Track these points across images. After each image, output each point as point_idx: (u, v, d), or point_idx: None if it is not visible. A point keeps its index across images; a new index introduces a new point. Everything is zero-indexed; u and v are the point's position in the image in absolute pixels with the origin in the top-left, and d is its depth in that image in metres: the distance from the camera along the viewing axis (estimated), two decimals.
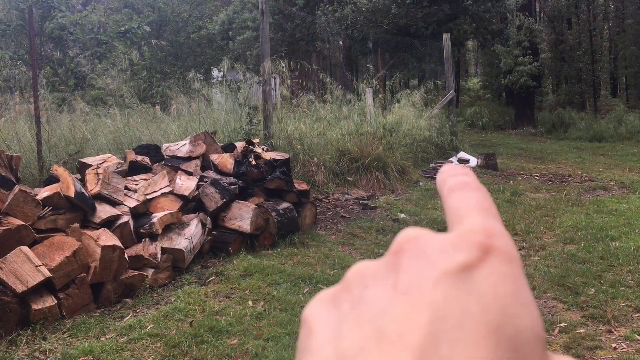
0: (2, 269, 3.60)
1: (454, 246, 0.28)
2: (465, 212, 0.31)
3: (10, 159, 4.59)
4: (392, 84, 12.02)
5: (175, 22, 20.11)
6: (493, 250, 0.28)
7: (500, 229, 0.29)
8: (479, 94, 30.42)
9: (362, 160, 8.29)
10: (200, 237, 5.05)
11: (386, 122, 9.35)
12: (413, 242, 0.30)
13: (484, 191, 0.33)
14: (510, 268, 0.27)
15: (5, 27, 11.28)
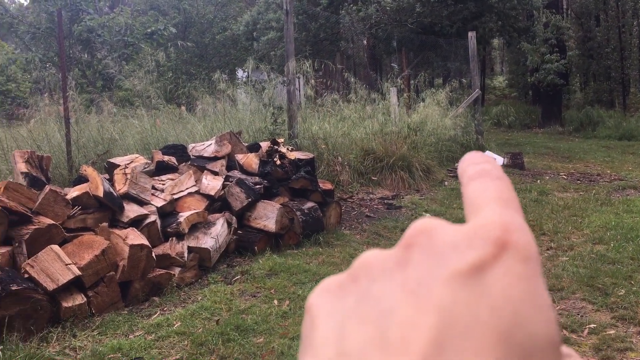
0: (33, 267, 3.68)
1: (468, 242, 0.27)
2: (484, 202, 0.29)
3: (40, 160, 4.68)
4: (416, 83, 11.95)
5: (201, 24, 20.29)
6: (509, 247, 0.26)
7: (519, 223, 0.28)
8: (505, 93, 30.06)
9: (387, 160, 8.26)
10: (226, 237, 5.09)
11: (411, 122, 9.31)
12: (425, 235, 0.28)
13: (506, 180, 0.31)
14: (527, 267, 0.26)
15: (35, 30, 11.51)
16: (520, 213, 0.29)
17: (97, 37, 11.35)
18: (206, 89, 9.49)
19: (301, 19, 17.38)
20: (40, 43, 12.23)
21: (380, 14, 15.88)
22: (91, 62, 11.72)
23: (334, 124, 9.05)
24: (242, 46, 21.30)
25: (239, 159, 5.99)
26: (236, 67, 19.92)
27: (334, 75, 13.53)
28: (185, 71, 17.97)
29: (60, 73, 6.72)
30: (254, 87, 9.50)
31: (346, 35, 16.89)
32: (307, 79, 9.15)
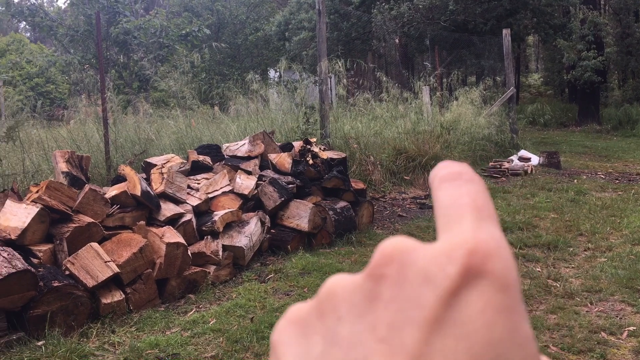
0: (74, 264, 3.78)
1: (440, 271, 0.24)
2: (456, 213, 0.27)
3: (80, 160, 4.81)
4: (449, 82, 11.85)
5: (233, 24, 20.51)
6: (486, 275, 0.24)
7: (496, 241, 0.25)
8: (540, 91, 29.55)
9: (419, 159, 8.22)
10: (260, 235, 5.14)
11: (444, 120, 9.24)
12: (395, 265, 0.26)
13: (479, 183, 0.28)
14: (506, 298, 0.24)
15: (73, 33, 11.80)
16: (496, 222, 0.27)
17: (133, 39, 11.58)
18: (239, 89, 9.59)
19: (333, 19, 17.40)
20: (78, 45, 12.53)
21: (412, 12, 15.79)
22: (127, 63, 11.96)
23: (366, 124, 9.05)
24: (274, 46, 21.46)
25: (272, 159, 6.04)
26: (268, 67, 20.06)
27: (366, 75, 13.51)
28: (219, 72, 18.19)
29: (98, 75, 6.88)
30: (286, 87, 9.56)
31: (378, 34, 16.85)
32: (339, 78, 9.16)
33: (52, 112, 9.80)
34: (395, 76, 16.20)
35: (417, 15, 16.00)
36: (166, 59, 12.23)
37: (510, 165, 9.51)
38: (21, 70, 17.51)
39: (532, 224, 6.11)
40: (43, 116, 7.90)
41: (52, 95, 17.57)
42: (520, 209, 6.81)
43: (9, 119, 6.65)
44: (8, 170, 5.51)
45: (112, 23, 11.51)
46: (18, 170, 5.54)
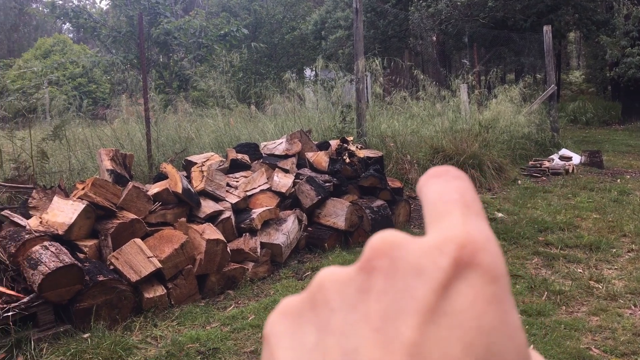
0: (118, 259, 3.89)
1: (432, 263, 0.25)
2: (445, 209, 0.27)
3: (124, 157, 4.94)
4: (488, 79, 11.69)
5: (270, 24, 20.66)
6: (476, 266, 0.24)
7: (484, 235, 0.26)
8: (582, 88, 28.83)
9: (457, 158, 8.14)
10: (297, 233, 5.19)
11: (482, 119, 9.12)
12: (386, 257, 0.26)
13: (466, 180, 0.29)
14: (496, 289, 0.24)
15: (116, 34, 12.09)
16: (484, 218, 0.27)
17: (173, 40, 11.80)
18: (276, 88, 9.67)
19: (369, 17, 17.36)
20: (120, 46, 12.83)
21: (450, 9, 15.62)
22: (167, 63, 12.19)
23: (402, 122, 9.01)
24: (310, 45, 21.54)
25: (309, 157, 6.08)
26: (304, 66, 20.15)
27: (402, 73, 13.44)
28: (255, 71, 18.36)
29: (140, 75, 7.04)
30: (323, 86, 9.60)
31: (415, 31, 16.74)
32: (375, 77, 9.15)
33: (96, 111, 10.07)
34: (432, 74, 16.06)
35: (455, 12, 15.83)
36: (205, 58, 12.42)
37: (550, 165, 9.33)
38: (65, 71, 18.00)
39: (573, 225, 5.99)
40: (88, 115, 8.12)
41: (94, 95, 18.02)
42: (561, 209, 6.69)
43: (55, 118, 6.86)
44: (55, 168, 5.70)
45: (153, 24, 11.75)
46: (64, 167, 5.73)
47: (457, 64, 20.77)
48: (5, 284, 3.64)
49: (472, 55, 12.56)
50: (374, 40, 17.38)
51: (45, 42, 29.21)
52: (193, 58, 11.99)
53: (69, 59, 15.09)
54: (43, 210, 4.22)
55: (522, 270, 4.74)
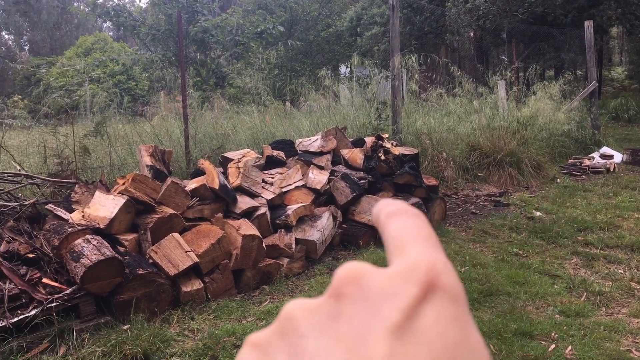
0: (157, 253, 3.98)
1: (398, 288, 0.27)
2: (407, 242, 0.29)
3: (163, 153, 5.03)
4: (527, 76, 11.47)
5: (306, 21, 20.70)
6: (438, 289, 0.26)
7: (443, 262, 0.28)
8: (625, 84, 28.02)
9: (494, 156, 8.03)
10: (331, 230, 5.21)
11: (521, 116, 8.98)
12: (355, 285, 0.28)
13: (423, 217, 0.32)
14: (457, 308, 0.26)
15: (155, 32, 12.30)
16: (441, 250, 0.29)
17: (210, 38, 11.94)
18: (311, 85, 9.70)
19: (406, 13, 17.24)
20: (158, 44, 13.04)
21: (488, 4, 15.38)
22: (205, 61, 12.35)
23: (438, 119, 8.94)
24: (346, 42, 21.50)
25: (344, 154, 6.09)
26: (339, 63, 20.13)
27: (439, 69, 13.31)
28: (291, 68, 18.44)
29: (179, 72, 7.15)
30: (358, 83, 9.58)
31: (452, 27, 16.54)
32: (411, 73, 9.09)
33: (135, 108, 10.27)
34: (469, 70, 15.85)
35: (494, 7, 15.58)
36: (241, 56, 12.53)
37: (591, 163, 9.12)
38: (105, 68, 18.41)
39: (614, 224, 5.85)
40: (128, 112, 8.30)
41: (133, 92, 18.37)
42: (602, 208, 6.53)
43: (97, 115, 7.03)
44: (96, 163, 5.85)
45: (191, 22, 11.91)
46: (105, 163, 5.87)
47: (494, 60, 20.44)
48: (49, 275, 3.76)
49: (511, 52, 12.35)
50: (410, 36, 17.25)
51: (87, 40, 29.92)
52: (230, 55, 12.12)
53: (109, 57, 15.44)
54: (85, 204, 4.34)
55: (561, 270, 4.66)
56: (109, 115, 6.76)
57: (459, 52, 20.82)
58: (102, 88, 12.35)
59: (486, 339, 3.38)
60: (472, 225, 6.05)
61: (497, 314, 3.77)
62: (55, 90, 8.86)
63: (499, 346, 3.30)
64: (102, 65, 16.14)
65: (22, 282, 3.60)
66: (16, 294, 3.49)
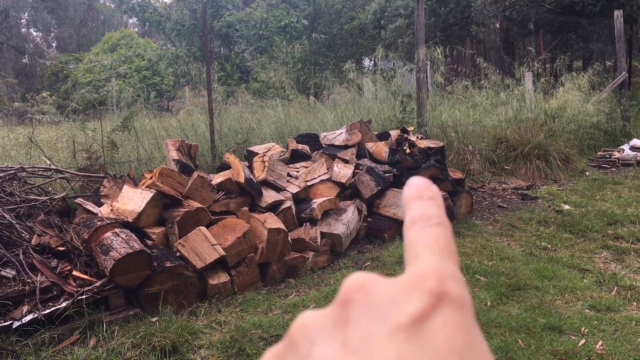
0: (184, 246, 4.02)
1: (405, 294, 0.27)
2: (421, 250, 0.30)
3: (189, 148, 5.08)
4: (555, 67, 11.27)
5: (329, 14, 20.63)
6: (445, 297, 0.27)
7: (453, 272, 0.28)
8: None
9: (521, 148, 7.92)
10: (357, 223, 5.20)
11: (548, 108, 8.83)
12: (361, 291, 0.29)
13: (445, 225, 0.32)
14: (463, 316, 0.27)
15: (180, 27, 12.40)
16: (456, 260, 0.30)
17: (235, 32, 11.98)
18: (336, 78, 9.68)
19: (430, 4, 17.07)
20: (183, 39, 13.13)
21: None
22: (229, 55, 12.40)
23: (464, 112, 8.84)
24: (369, 35, 21.38)
25: (369, 148, 6.06)
26: (363, 56, 20.04)
27: (464, 61, 13.16)
28: (314, 61, 18.42)
29: (204, 67, 7.19)
30: (382, 76, 9.52)
31: (478, 19, 16.33)
32: (436, 65, 9.00)
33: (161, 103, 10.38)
34: (495, 62, 15.64)
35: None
36: (265, 50, 12.56)
37: (621, 155, 8.94)
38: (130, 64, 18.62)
39: None
40: (154, 107, 8.38)
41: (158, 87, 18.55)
42: (632, 201, 6.40)
43: (124, 110, 7.12)
44: (124, 158, 5.93)
45: (215, 17, 11.97)
46: (133, 157, 5.95)
47: (521, 52, 20.13)
48: (79, 268, 3.82)
49: (538, 42, 12.15)
50: (434, 28, 17.08)
51: (112, 37, 30.28)
52: (254, 50, 12.15)
53: (135, 53, 15.60)
54: (114, 198, 4.40)
55: (590, 264, 4.58)
56: (136, 111, 6.84)
57: (484, 43, 20.55)
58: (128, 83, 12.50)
59: (514, 334, 3.35)
60: (499, 219, 5.99)
61: (525, 308, 3.73)
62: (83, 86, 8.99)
63: (527, 341, 3.26)
64: (128, 61, 16.33)
65: (53, 274, 3.67)
66: (47, 286, 3.56)
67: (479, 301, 3.86)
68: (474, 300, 3.85)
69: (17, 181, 4.58)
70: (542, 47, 11.85)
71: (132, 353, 3.24)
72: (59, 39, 43.85)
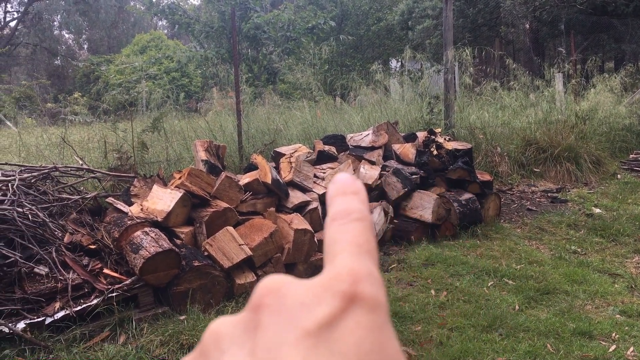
0: (212, 246, 4.06)
1: (316, 298, 0.27)
2: (339, 248, 0.29)
3: (217, 149, 5.13)
4: (586, 68, 11.08)
5: (356, 15, 20.62)
6: (357, 299, 0.26)
7: (369, 271, 0.28)
8: None
9: (551, 151, 7.80)
10: (383, 225, 5.19)
11: (579, 109, 8.68)
12: (273, 295, 0.28)
13: (365, 220, 0.31)
14: (375, 317, 0.26)
15: (208, 29, 12.52)
16: (373, 257, 0.29)
17: (262, 34, 12.06)
18: (362, 80, 9.67)
19: (458, 5, 16.93)
20: (212, 41, 13.26)
21: None
22: (256, 57, 12.49)
23: (492, 113, 8.75)
24: (397, 36, 21.30)
25: (396, 149, 6.05)
26: (390, 57, 19.97)
27: (493, 62, 13.02)
28: (341, 63, 18.42)
29: (232, 68, 7.25)
30: (410, 77, 9.48)
31: (507, 19, 16.14)
32: (465, 67, 8.93)
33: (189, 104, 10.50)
34: (524, 63, 15.43)
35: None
36: (293, 51, 12.61)
37: None
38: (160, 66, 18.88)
39: None
40: (184, 108, 8.50)
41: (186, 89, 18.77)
42: None
43: (154, 111, 7.23)
44: (154, 158, 6.02)
45: (243, 19, 12.07)
46: (162, 157, 6.04)
47: (551, 53, 19.83)
48: (109, 266, 3.90)
49: (569, 43, 11.95)
50: (463, 29, 16.94)
51: (142, 38, 30.71)
52: (281, 51, 12.21)
53: (165, 54, 15.81)
54: (143, 198, 4.47)
55: (622, 269, 4.50)
56: (166, 112, 6.94)
57: (513, 44, 20.32)
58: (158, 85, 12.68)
59: (543, 338, 3.31)
60: (528, 222, 5.91)
61: (554, 312, 3.68)
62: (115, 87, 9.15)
63: (556, 345, 3.22)
64: (157, 63, 16.55)
65: (85, 272, 3.75)
66: (79, 283, 3.64)
67: (507, 305, 3.82)
68: (501, 304, 3.82)
69: (51, 180, 4.69)
70: (573, 48, 11.65)
71: (161, 350, 3.29)
72: (90, 40, 44.69)
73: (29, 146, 6.20)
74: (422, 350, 3.23)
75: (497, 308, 3.74)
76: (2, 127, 9.89)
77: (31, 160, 5.66)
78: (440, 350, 3.22)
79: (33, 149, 6.11)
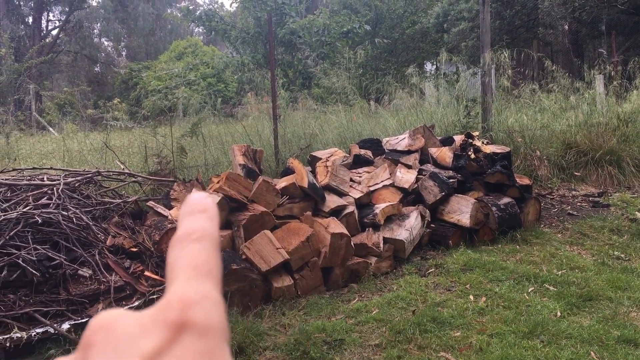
0: (249, 249, 4.10)
1: (146, 330, 0.26)
2: (176, 273, 0.28)
3: (254, 153, 5.18)
4: (628, 69, 10.79)
5: (391, 19, 20.54)
6: (186, 326, 0.25)
7: (203, 294, 0.27)
8: None
9: (592, 154, 7.62)
10: (420, 229, 5.15)
11: (621, 112, 8.46)
12: (103, 331, 0.27)
13: (206, 239, 0.30)
14: (206, 342, 0.25)
15: (244, 35, 12.67)
16: (212, 277, 0.28)
17: (298, 39, 12.14)
18: (398, 83, 9.63)
19: (495, 7, 16.72)
20: (247, 47, 13.41)
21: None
22: (292, 62, 12.57)
23: (531, 116, 8.60)
24: (432, 39, 21.14)
25: (433, 153, 6.00)
26: (425, 61, 19.83)
27: (531, 64, 12.80)
28: (375, 67, 18.38)
29: (267, 74, 7.32)
30: (446, 80, 9.40)
31: (545, 20, 15.86)
32: (503, 69, 8.80)
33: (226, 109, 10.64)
34: (563, 65, 15.13)
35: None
36: (327, 56, 12.65)
37: None
38: (196, 71, 19.17)
39: None
40: (221, 113, 8.61)
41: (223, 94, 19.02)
42: None
43: (192, 116, 7.35)
44: (192, 162, 6.12)
45: (279, 24, 12.17)
46: (200, 162, 6.13)
47: (591, 54, 19.39)
48: (150, 269, 3.98)
49: (610, 44, 11.67)
50: (499, 31, 16.72)
51: (179, 45, 31.23)
52: (316, 56, 12.27)
53: (202, 60, 16.07)
54: (183, 201, 4.54)
55: None
56: (204, 117, 7.05)
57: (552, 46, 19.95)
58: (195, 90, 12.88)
59: (586, 345, 3.23)
60: (569, 227, 5.79)
61: (597, 319, 3.59)
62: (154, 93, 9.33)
63: (600, 353, 3.14)
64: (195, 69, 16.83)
65: (127, 274, 3.84)
66: (121, 285, 3.73)
67: (549, 311, 3.74)
68: (542, 310, 3.75)
69: (93, 184, 4.82)
70: (614, 49, 11.37)
71: None
72: (128, 48, 45.69)
73: (72, 151, 6.38)
74: (462, 357, 3.20)
75: (538, 314, 3.68)
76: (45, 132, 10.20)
77: (74, 165, 5.82)
78: (480, 356, 3.18)
79: (76, 154, 6.28)
